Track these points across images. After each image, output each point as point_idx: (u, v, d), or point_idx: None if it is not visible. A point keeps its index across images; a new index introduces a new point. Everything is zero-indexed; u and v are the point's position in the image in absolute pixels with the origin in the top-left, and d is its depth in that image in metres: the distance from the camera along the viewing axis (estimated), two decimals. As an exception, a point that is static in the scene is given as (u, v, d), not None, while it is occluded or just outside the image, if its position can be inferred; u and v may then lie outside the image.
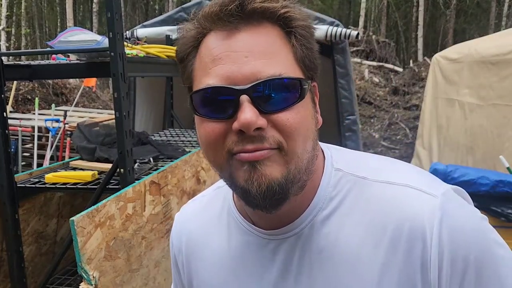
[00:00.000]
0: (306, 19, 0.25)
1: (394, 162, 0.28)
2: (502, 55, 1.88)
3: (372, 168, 0.27)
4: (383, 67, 5.21)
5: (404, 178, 0.26)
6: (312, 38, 0.25)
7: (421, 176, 0.27)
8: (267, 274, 0.27)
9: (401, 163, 0.28)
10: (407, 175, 0.27)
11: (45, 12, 9.59)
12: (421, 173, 0.27)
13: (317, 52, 0.26)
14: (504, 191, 1.15)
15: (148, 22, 1.92)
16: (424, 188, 0.25)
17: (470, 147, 2.09)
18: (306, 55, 0.25)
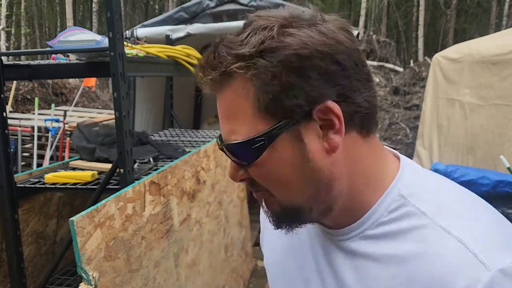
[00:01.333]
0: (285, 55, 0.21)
1: (473, 200, 0.23)
2: (503, 55, 1.87)
3: (438, 201, 0.23)
4: (384, 67, 5.20)
5: (465, 228, 0.20)
6: (288, 72, 0.21)
7: (493, 231, 0.20)
8: (308, 264, 0.27)
9: (479, 203, 0.22)
10: (473, 223, 0.21)
11: (45, 12, 9.59)
12: (496, 227, 0.21)
13: (305, 82, 0.21)
14: (504, 191, 1.14)
15: (148, 22, 1.92)
16: (481, 252, 0.19)
17: (470, 147, 2.09)
18: (274, 98, 0.22)
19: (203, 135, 1.43)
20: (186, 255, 0.91)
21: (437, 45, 8.55)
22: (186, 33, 1.81)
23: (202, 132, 1.50)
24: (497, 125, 1.86)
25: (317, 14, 0.24)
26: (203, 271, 1.03)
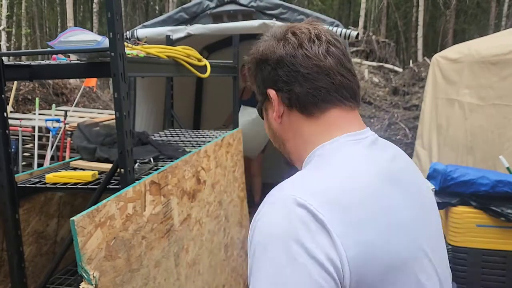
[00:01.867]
0: (251, 58, 0.38)
1: (331, 173, 0.32)
2: (502, 55, 1.88)
3: (315, 165, 0.35)
4: (383, 67, 5.21)
5: (303, 177, 0.33)
6: (255, 69, 0.37)
7: (306, 181, 0.31)
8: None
9: (336, 179, 0.31)
10: (309, 177, 0.32)
11: (46, 12, 9.60)
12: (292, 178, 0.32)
13: (260, 75, 0.37)
14: (504, 191, 1.15)
15: (149, 22, 1.91)
16: (287, 187, 0.31)
17: (470, 147, 2.09)
18: (255, 84, 0.38)
19: (203, 135, 1.43)
20: (186, 254, 0.92)
21: (436, 45, 8.57)
22: (186, 33, 1.81)
23: (202, 132, 1.51)
24: (497, 125, 1.87)
25: (287, 29, 0.36)
26: (203, 270, 1.03)
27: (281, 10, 1.74)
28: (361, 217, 0.27)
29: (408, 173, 0.33)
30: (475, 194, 1.15)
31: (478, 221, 1.14)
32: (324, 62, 0.32)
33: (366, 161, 0.31)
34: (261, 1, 1.75)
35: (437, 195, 1.17)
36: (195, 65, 1.06)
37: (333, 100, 0.33)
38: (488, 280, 1.14)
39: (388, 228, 0.28)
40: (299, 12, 1.73)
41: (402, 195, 0.30)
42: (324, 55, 0.33)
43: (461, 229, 1.15)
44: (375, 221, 0.27)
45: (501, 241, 1.13)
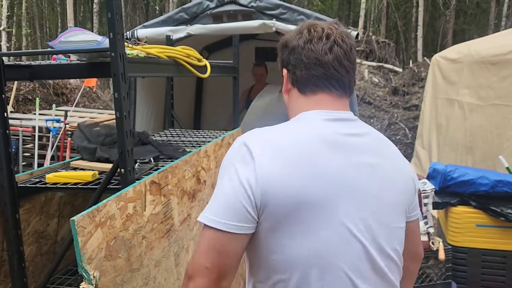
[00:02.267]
0: (279, 43, 0.49)
1: (278, 129, 0.45)
2: (502, 55, 1.88)
3: (280, 126, 0.46)
4: (383, 67, 5.21)
5: (258, 130, 0.46)
6: (279, 51, 0.49)
7: (258, 132, 0.44)
8: None
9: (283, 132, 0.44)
10: (260, 130, 0.45)
11: (46, 13, 9.60)
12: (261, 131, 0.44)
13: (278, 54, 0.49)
14: (503, 191, 1.15)
15: (149, 22, 1.91)
16: (245, 135, 0.44)
17: (469, 147, 2.09)
18: (279, 64, 0.50)
19: (204, 135, 1.44)
20: (186, 254, 0.92)
21: (436, 45, 8.58)
22: (186, 33, 1.81)
23: (202, 132, 1.50)
24: (496, 125, 1.86)
25: (307, 26, 0.46)
26: (203, 270, 1.02)
27: (281, 10, 1.74)
28: (285, 159, 0.38)
29: (365, 150, 0.41)
30: (475, 194, 1.16)
31: (478, 221, 1.14)
32: (323, 57, 0.43)
33: (317, 128, 0.41)
34: (261, 1, 1.75)
35: (437, 195, 1.18)
36: (195, 65, 1.06)
37: (322, 86, 0.44)
38: (487, 280, 1.15)
39: (308, 175, 0.37)
40: (299, 12, 1.74)
41: (338, 159, 0.39)
42: (326, 52, 0.42)
43: (461, 229, 1.15)
44: (297, 166, 0.37)
45: (500, 241, 1.13)
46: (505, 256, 1.13)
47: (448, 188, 1.19)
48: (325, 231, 0.36)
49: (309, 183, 0.37)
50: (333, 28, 0.44)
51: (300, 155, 0.38)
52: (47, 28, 9.74)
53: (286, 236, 0.37)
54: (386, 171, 0.41)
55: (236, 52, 1.60)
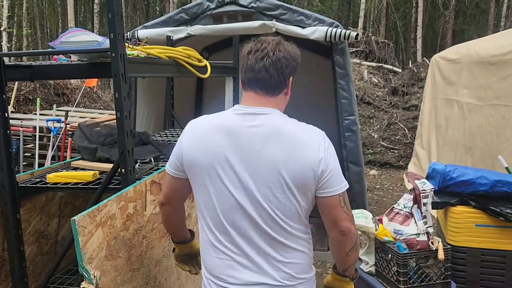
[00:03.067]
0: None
1: None
2: (501, 56, 1.88)
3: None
4: (382, 68, 5.21)
5: None
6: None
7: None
8: None
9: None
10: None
11: (46, 13, 9.60)
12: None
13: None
14: (502, 191, 1.15)
15: (149, 23, 1.91)
16: None
17: (469, 147, 2.08)
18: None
19: (203, 135, 1.43)
20: (186, 254, 0.92)
21: (435, 46, 8.58)
22: (186, 34, 1.82)
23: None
24: (495, 125, 1.86)
25: (255, 41, 0.60)
26: (204, 270, 1.03)
27: (281, 11, 1.74)
28: (194, 137, 0.59)
29: (260, 141, 0.57)
30: (474, 194, 1.15)
31: (477, 221, 1.14)
32: (254, 65, 0.58)
33: (222, 118, 0.60)
34: (261, 2, 1.75)
35: (436, 195, 1.17)
36: (195, 65, 1.07)
37: (251, 85, 0.60)
38: (487, 279, 1.14)
39: (200, 148, 0.58)
40: (298, 13, 1.74)
41: (226, 141, 0.58)
42: (257, 61, 0.58)
43: (460, 229, 1.15)
44: (198, 142, 0.59)
45: (500, 241, 1.13)
46: (505, 256, 1.12)
47: (448, 188, 1.18)
48: (215, 185, 0.58)
49: (199, 153, 0.59)
50: (272, 42, 0.59)
51: (202, 136, 0.59)
52: (47, 29, 9.74)
53: (195, 185, 0.61)
54: (266, 154, 0.56)
55: (236, 53, 1.60)
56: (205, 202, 0.58)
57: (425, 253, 0.98)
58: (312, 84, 2.33)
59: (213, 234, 0.58)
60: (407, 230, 1.00)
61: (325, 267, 1.75)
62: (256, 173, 0.56)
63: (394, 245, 0.99)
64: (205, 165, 0.57)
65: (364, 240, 1.09)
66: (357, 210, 1.11)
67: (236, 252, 0.57)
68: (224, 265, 0.57)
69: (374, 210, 2.38)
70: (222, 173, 0.56)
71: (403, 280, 0.96)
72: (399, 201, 1.07)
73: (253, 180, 0.56)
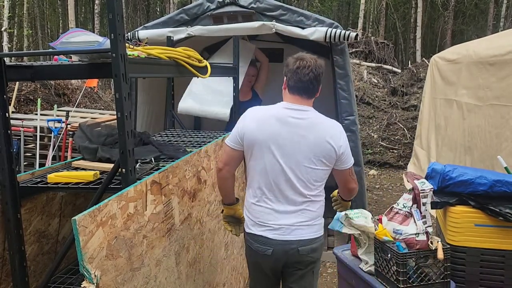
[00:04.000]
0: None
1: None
2: (500, 56, 1.88)
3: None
4: (382, 68, 5.22)
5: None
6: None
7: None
8: None
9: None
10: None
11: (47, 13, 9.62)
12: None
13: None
14: (502, 191, 1.15)
15: (150, 23, 1.91)
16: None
17: (468, 147, 2.08)
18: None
19: (204, 135, 1.44)
20: (187, 253, 0.92)
21: (435, 46, 8.59)
22: (187, 34, 1.82)
23: (203, 132, 1.51)
24: (495, 125, 1.86)
25: (298, 58, 0.90)
26: (204, 269, 1.03)
27: (281, 12, 1.75)
28: (254, 121, 0.87)
29: (300, 129, 0.86)
30: (474, 194, 1.15)
31: (477, 221, 1.14)
32: (303, 78, 0.86)
33: (275, 110, 0.88)
34: (261, 3, 1.75)
35: (436, 194, 1.18)
36: (195, 66, 1.07)
37: (298, 91, 0.88)
38: (486, 279, 1.14)
39: (259, 129, 0.85)
40: (298, 14, 1.74)
41: (278, 126, 0.86)
42: (305, 76, 0.86)
43: (460, 229, 1.15)
44: (257, 125, 0.86)
45: (499, 241, 1.13)
46: (504, 255, 1.12)
47: (447, 188, 1.18)
48: (268, 157, 0.86)
49: (258, 134, 0.86)
50: (313, 61, 0.87)
51: (261, 120, 0.88)
52: (48, 29, 9.75)
53: (252, 158, 0.88)
54: (308, 138, 0.86)
55: (236, 53, 1.61)
56: (259, 168, 0.87)
57: (425, 253, 0.98)
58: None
59: (262, 191, 0.87)
60: (407, 230, 1.00)
61: (325, 266, 1.76)
62: (299, 150, 0.85)
63: (394, 245, 0.99)
64: (262, 142, 0.85)
65: (364, 239, 1.09)
66: (356, 210, 1.12)
67: (276, 204, 0.87)
68: (267, 212, 0.87)
69: (373, 210, 2.40)
70: (274, 148, 0.85)
71: (402, 280, 0.96)
72: (399, 201, 1.07)
73: (295, 156, 0.85)
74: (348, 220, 1.07)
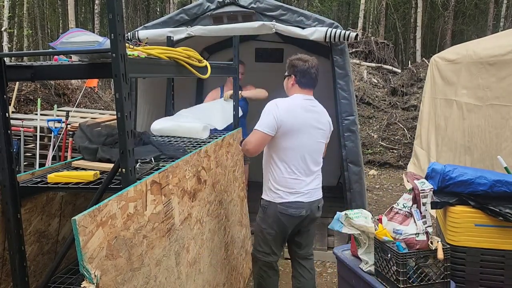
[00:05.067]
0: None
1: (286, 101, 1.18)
2: (500, 56, 1.88)
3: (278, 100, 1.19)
4: (382, 68, 5.22)
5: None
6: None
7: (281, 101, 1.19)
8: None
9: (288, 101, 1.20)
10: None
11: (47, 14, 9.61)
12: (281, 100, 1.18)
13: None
14: (502, 191, 1.15)
15: (150, 23, 1.91)
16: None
17: (468, 147, 2.08)
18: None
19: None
20: (187, 253, 0.92)
21: (435, 46, 8.59)
22: (187, 34, 1.82)
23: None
24: (494, 125, 1.86)
25: (304, 59, 1.20)
26: (204, 269, 1.03)
27: (281, 12, 1.75)
28: (287, 111, 1.12)
29: (316, 114, 1.17)
30: (473, 194, 1.15)
31: (477, 221, 1.14)
32: (311, 75, 1.16)
33: (299, 101, 1.15)
34: (261, 3, 1.75)
35: (436, 194, 1.17)
36: (195, 66, 1.07)
37: (308, 85, 1.17)
38: (486, 279, 1.14)
39: (293, 117, 1.12)
40: (298, 14, 1.74)
41: (304, 113, 1.14)
42: (313, 73, 1.16)
43: (460, 229, 1.15)
44: (291, 114, 1.12)
45: (499, 241, 1.13)
46: (504, 255, 1.12)
47: (447, 188, 1.18)
48: (300, 138, 1.12)
49: (294, 121, 1.11)
50: (314, 61, 1.17)
51: (291, 110, 1.12)
52: (48, 29, 9.74)
53: (288, 140, 1.12)
54: (322, 122, 1.17)
55: (237, 53, 1.61)
56: (291, 148, 1.11)
57: (425, 253, 0.99)
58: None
59: (294, 166, 1.13)
60: (407, 230, 1.00)
61: (325, 266, 1.76)
62: (316, 132, 1.15)
63: (394, 245, 0.99)
64: (296, 127, 1.11)
65: (364, 239, 1.09)
66: (356, 210, 1.12)
67: (304, 175, 1.14)
68: (298, 182, 1.13)
69: (373, 210, 2.40)
70: (303, 132, 1.12)
71: (402, 280, 0.96)
72: (399, 200, 1.08)
73: (314, 136, 1.15)
74: (348, 220, 1.08)
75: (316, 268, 1.62)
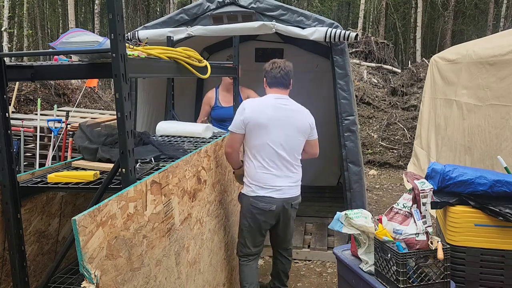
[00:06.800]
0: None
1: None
2: (500, 56, 1.88)
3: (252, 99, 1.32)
4: (382, 68, 5.22)
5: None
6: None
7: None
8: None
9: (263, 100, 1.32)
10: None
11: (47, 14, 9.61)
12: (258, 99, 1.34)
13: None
14: (501, 191, 1.15)
15: (150, 23, 1.91)
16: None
17: (468, 147, 2.08)
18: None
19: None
20: (187, 253, 0.92)
21: (434, 46, 8.59)
22: (187, 34, 1.82)
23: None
24: (494, 125, 1.85)
25: (271, 62, 1.30)
26: (204, 269, 1.03)
27: (281, 12, 1.75)
28: (253, 109, 1.19)
29: (290, 112, 1.22)
30: (473, 194, 1.15)
31: (477, 221, 1.14)
32: (276, 75, 1.24)
33: (268, 100, 1.23)
34: (261, 3, 1.75)
35: (436, 194, 1.18)
36: (195, 66, 1.07)
37: (276, 85, 1.24)
38: (486, 279, 1.14)
39: (260, 115, 1.19)
40: (298, 14, 1.74)
41: (277, 112, 1.20)
42: (278, 73, 1.23)
43: (460, 229, 1.15)
44: (257, 111, 1.19)
45: (499, 241, 1.13)
46: (504, 255, 1.12)
47: (447, 188, 1.18)
48: (269, 134, 1.17)
49: (260, 117, 1.18)
50: (281, 62, 1.24)
51: (259, 108, 1.19)
52: (48, 29, 9.75)
53: (257, 136, 1.18)
54: (295, 119, 1.21)
55: (237, 53, 1.61)
56: (261, 144, 1.17)
57: (425, 253, 0.99)
58: (312, 84, 2.31)
59: (265, 161, 1.17)
60: (407, 230, 1.00)
61: (325, 266, 1.75)
62: (288, 128, 1.18)
63: (394, 245, 0.99)
64: (263, 124, 1.16)
65: (364, 239, 1.09)
66: (356, 210, 1.12)
67: (275, 169, 1.18)
68: (268, 177, 1.18)
69: (373, 210, 2.39)
70: (271, 128, 1.17)
71: (402, 280, 0.96)
72: (399, 200, 1.08)
73: (286, 132, 1.18)
74: (348, 220, 1.08)
75: (316, 268, 1.63)
